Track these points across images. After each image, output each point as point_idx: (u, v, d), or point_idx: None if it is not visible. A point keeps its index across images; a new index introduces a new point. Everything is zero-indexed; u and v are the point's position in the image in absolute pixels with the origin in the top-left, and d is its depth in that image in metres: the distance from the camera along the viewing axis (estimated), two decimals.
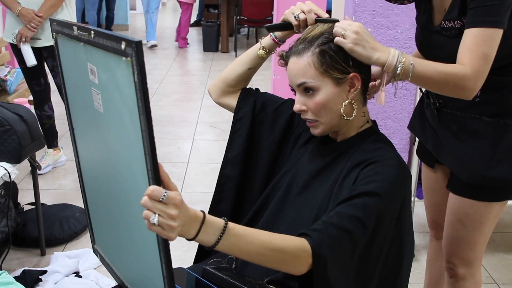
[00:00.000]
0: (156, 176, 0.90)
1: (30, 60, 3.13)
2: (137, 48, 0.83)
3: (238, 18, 7.33)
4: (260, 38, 1.47)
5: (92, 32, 0.97)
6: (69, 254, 2.51)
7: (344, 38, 1.19)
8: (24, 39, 3.10)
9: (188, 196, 3.20)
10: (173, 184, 0.94)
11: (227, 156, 1.50)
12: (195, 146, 4.07)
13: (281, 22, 1.38)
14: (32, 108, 3.07)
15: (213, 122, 4.58)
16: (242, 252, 1.05)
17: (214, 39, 7.60)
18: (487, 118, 1.48)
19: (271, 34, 1.42)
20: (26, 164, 2.45)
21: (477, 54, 1.30)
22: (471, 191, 1.55)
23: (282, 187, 1.38)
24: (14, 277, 2.09)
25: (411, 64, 1.26)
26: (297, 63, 1.24)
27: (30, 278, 2.23)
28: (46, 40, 3.17)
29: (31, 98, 3.45)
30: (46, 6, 3.11)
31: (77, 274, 2.37)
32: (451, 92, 1.34)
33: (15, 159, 2.24)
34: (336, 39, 1.21)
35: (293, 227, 1.25)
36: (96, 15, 8.07)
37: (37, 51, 3.18)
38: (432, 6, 1.51)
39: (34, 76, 3.29)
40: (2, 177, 2.13)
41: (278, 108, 1.48)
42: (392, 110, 2.52)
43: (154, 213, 0.90)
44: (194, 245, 1.28)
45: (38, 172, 2.85)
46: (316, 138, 1.38)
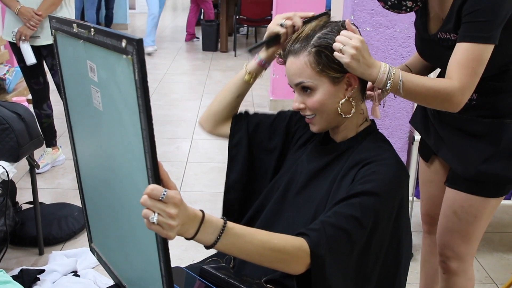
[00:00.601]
0: (155, 175, 0.89)
1: (30, 58, 3.13)
2: (138, 46, 0.83)
3: (238, 17, 7.33)
4: (245, 62, 1.44)
5: (92, 29, 0.97)
6: (67, 253, 2.51)
7: (342, 53, 1.21)
8: (23, 38, 3.09)
9: (187, 195, 3.20)
10: (172, 183, 0.94)
11: (229, 181, 1.49)
12: (194, 146, 4.07)
13: (264, 39, 1.37)
14: (30, 107, 3.07)
15: None
16: (241, 251, 1.05)
17: (213, 39, 7.60)
18: (485, 119, 1.53)
19: (257, 57, 1.41)
20: (24, 163, 2.44)
21: (466, 70, 1.33)
22: (467, 185, 1.59)
23: (280, 187, 1.37)
24: (12, 276, 2.08)
25: (401, 80, 1.30)
26: (294, 63, 1.24)
27: (28, 277, 2.22)
28: (45, 38, 3.17)
29: (30, 97, 3.44)
30: (45, 5, 3.11)
31: (75, 273, 2.36)
32: (439, 106, 1.39)
33: (13, 158, 2.24)
34: (335, 54, 1.21)
35: (291, 227, 1.24)
36: (95, 14, 8.06)
37: (36, 50, 3.18)
38: (428, 12, 1.53)
39: (33, 74, 3.28)
40: (0, 175, 2.13)
41: (273, 123, 1.47)
42: (391, 109, 2.52)
43: (154, 212, 0.90)
44: (192, 244, 1.28)
45: (37, 171, 2.84)
46: (315, 138, 1.39)
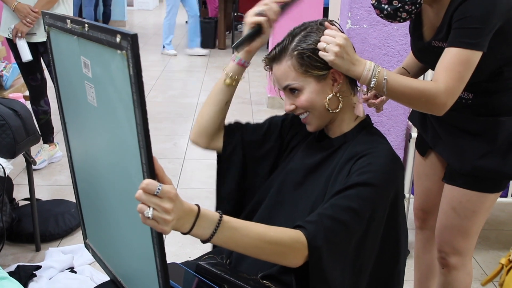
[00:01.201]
0: (150, 170, 0.89)
1: (26, 55, 3.12)
2: (132, 41, 0.83)
3: (236, 14, 7.32)
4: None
5: (86, 25, 0.96)
6: (64, 250, 2.51)
7: (326, 52, 1.22)
8: (19, 34, 3.09)
9: (184, 192, 3.19)
10: (167, 178, 0.93)
11: (221, 193, 1.46)
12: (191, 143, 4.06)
13: (247, 33, 1.29)
14: (27, 103, 3.06)
15: None
16: (238, 245, 1.05)
17: (211, 36, 7.59)
18: (481, 117, 1.54)
19: (234, 57, 1.36)
20: (21, 159, 2.44)
21: (452, 74, 1.34)
22: (464, 181, 1.60)
23: (277, 184, 1.38)
24: (8, 272, 2.09)
25: (385, 79, 1.31)
26: (279, 69, 1.28)
27: (25, 274, 2.22)
28: (42, 35, 3.15)
29: (27, 93, 3.43)
30: (42, 2, 3.09)
31: (71, 270, 2.37)
32: (423, 107, 1.40)
33: (10, 154, 2.24)
34: (320, 53, 1.23)
35: (289, 222, 1.24)
36: (93, 11, 8.05)
37: (33, 46, 3.17)
38: (422, 20, 1.54)
39: (30, 71, 3.28)
40: None
41: (267, 131, 1.46)
42: (387, 107, 2.52)
43: (149, 206, 0.90)
44: (189, 241, 1.28)
45: (34, 167, 2.84)
46: (311, 135, 1.39)
